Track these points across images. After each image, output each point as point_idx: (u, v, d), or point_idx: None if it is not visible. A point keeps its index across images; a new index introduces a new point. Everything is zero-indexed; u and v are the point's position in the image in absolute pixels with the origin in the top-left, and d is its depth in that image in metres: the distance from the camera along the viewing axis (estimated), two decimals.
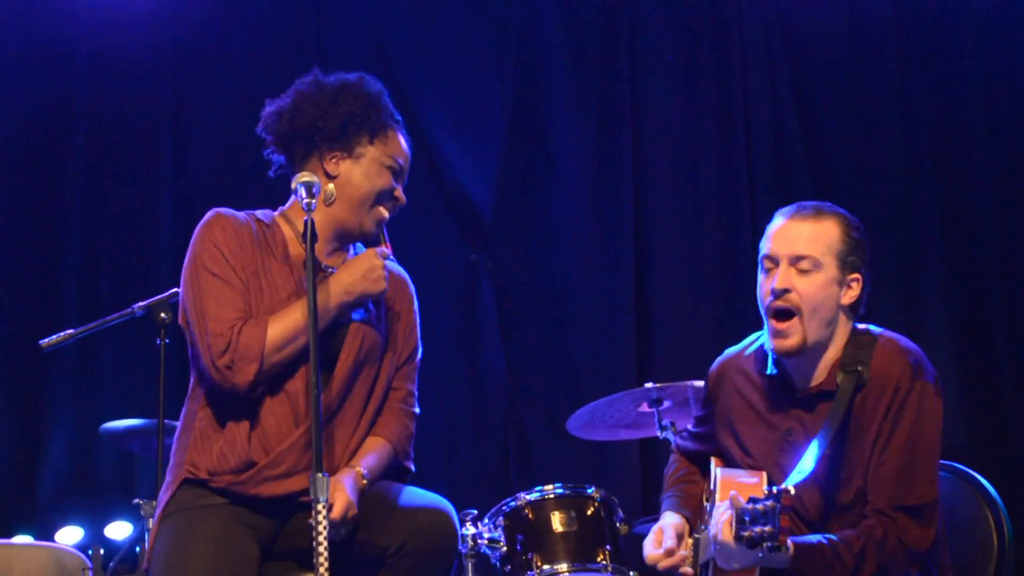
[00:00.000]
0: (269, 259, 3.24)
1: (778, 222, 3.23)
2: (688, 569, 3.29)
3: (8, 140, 5.93)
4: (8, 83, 5.92)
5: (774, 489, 2.78)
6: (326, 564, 2.80)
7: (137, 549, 5.03)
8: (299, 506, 3.11)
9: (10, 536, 5.25)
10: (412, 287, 3.55)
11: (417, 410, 3.50)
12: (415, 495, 3.22)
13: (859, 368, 3.11)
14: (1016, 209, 6.05)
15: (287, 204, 3.39)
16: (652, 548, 3.31)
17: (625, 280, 6.15)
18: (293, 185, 3.19)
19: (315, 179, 3.17)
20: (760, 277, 3.24)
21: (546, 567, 4.31)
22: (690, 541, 3.38)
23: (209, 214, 3.27)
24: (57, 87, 6.01)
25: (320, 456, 2.88)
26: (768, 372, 3.26)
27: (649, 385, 4.71)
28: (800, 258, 3.14)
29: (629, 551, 4.66)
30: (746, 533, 2.78)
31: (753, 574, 3.02)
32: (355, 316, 3.27)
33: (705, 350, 6.00)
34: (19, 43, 5.96)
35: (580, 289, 6.17)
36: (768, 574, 3.02)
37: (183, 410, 3.28)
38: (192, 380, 3.26)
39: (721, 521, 2.98)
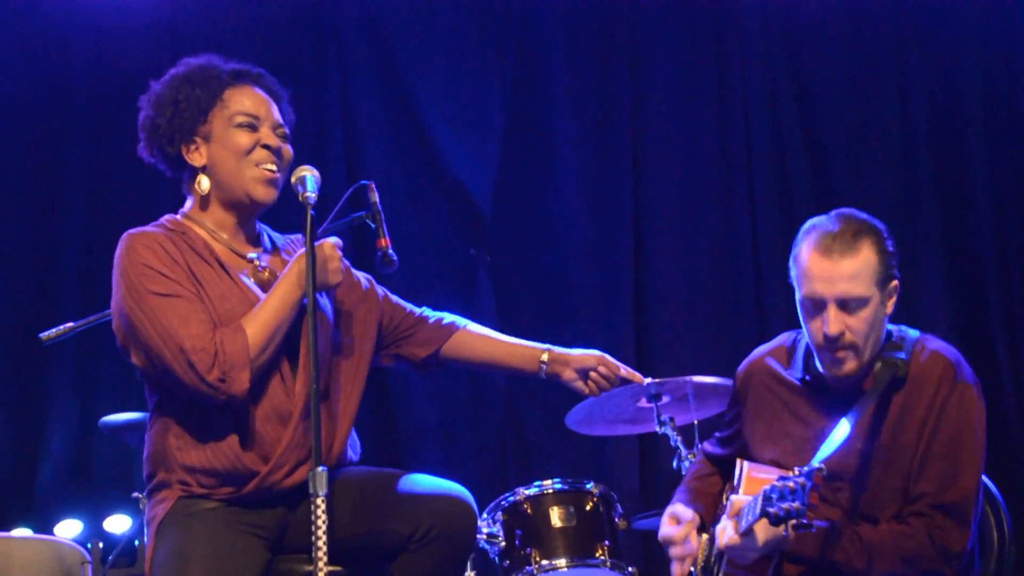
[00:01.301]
0: (200, 265, 3.14)
1: (811, 255, 3.11)
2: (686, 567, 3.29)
3: (8, 132, 5.93)
4: (9, 75, 5.92)
5: (805, 468, 2.77)
6: (325, 559, 2.79)
7: (136, 543, 5.03)
8: (306, 495, 3.02)
9: (9, 529, 5.25)
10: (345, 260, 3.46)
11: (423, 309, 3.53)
12: (434, 482, 3.20)
13: (897, 361, 3.10)
14: (1015, 201, 6.06)
15: (185, 206, 3.32)
16: (671, 527, 3.30)
17: (624, 275, 6.15)
18: (195, 183, 3.23)
19: (310, 172, 3.15)
20: (801, 308, 3.16)
21: (545, 562, 4.32)
22: (705, 536, 3.38)
23: (124, 240, 3.16)
24: (57, 80, 6.00)
25: (319, 450, 2.86)
26: (799, 376, 3.26)
27: (648, 380, 4.71)
28: (849, 298, 3.07)
29: (628, 546, 4.67)
30: (772, 510, 2.75)
31: (767, 568, 3.03)
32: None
33: (704, 345, 6.07)
34: (19, 37, 5.96)
35: (579, 284, 6.17)
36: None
37: (149, 432, 3.17)
38: (151, 403, 3.18)
39: (727, 527, 3.00)
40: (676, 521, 3.36)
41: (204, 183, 3.24)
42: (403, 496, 3.14)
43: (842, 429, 3.05)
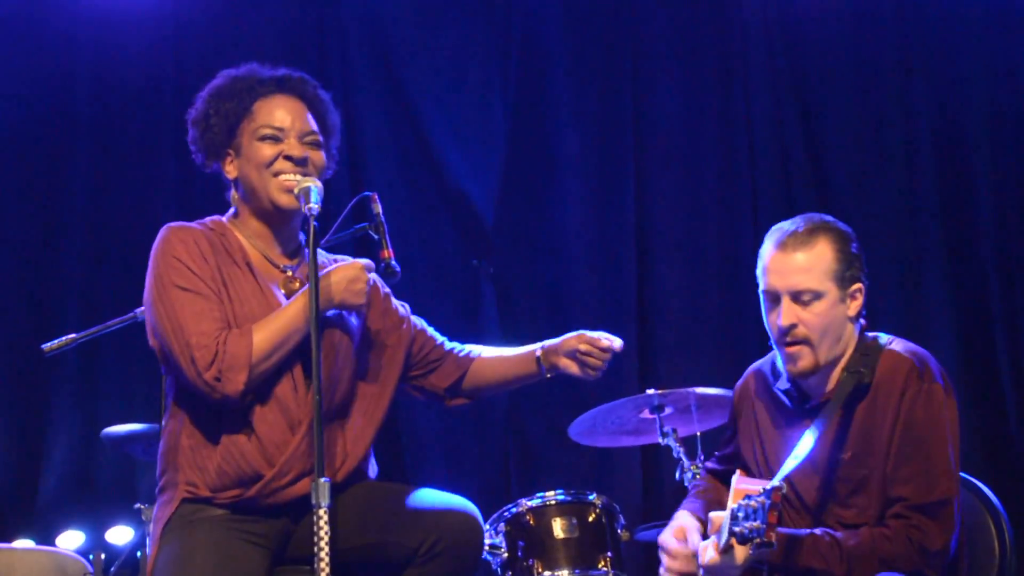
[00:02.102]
0: (231, 267, 3.20)
1: (769, 251, 3.21)
2: None
3: (10, 143, 5.94)
4: (10, 85, 5.93)
5: (766, 486, 2.81)
6: (327, 570, 2.78)
7: (138, 554, 5.02)
8: (310, 507, 3.04)
9: (11, 540, 5.25)
10: (384, 286, 3.50)
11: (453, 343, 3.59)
12: (440, 496, 3.22)
13: (860, 370, 3.12)
14: (1017, 204, 6.06)
15: (232, 211, 3.36)
16: (675, 542, 3.28)
17: (627, 286, 6.15)
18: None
19: (317, 183, 3.16)
20: (764, 306, 3.25)
21: (547, 573, 4.31)
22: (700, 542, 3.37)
23: (163, 231, 3.21)
24: (59, 89, 6.01)
25: (322, 461, 2.86)
26: (781, 388, 3.29)
27: (651, 391, 4.71)
28: (801, 291, 3.14)
29: (630, 558, 4.66)
30: (738, 529, 2.81)
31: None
32: (329, 314, 3.23)
33: (707, 356, 6.07)
34: (21, 42, 5.97)
35: (582, 294, 6.16)
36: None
37: (164, 429, 3.22)
38: (170, 400, 3.21)
39: (708, 547, 3.02)
40: (682, 538, 3.33)
41: (236, 195, 3.32)
42: (410, 510, 3.14)
43: (805, 443, 3.08)
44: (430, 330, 3.57)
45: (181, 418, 3.16)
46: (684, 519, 3.35)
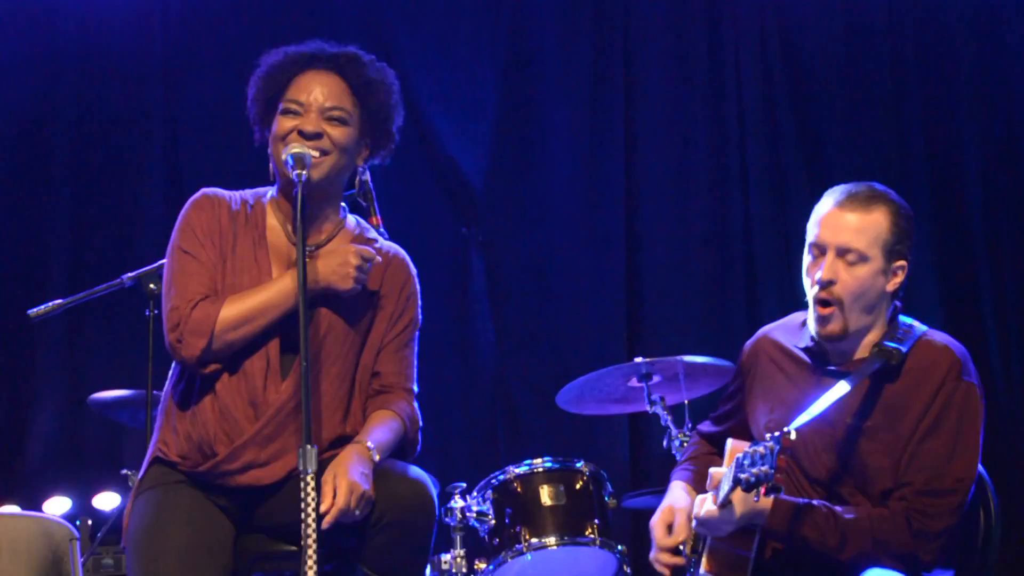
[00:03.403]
0: (244, 239, 3.20)
1: (827, 207, 3.17)
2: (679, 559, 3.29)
3: None
4: None
5: (775, 433, 2.80)
6: (313, 536, 2.78)
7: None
8: (271, 491, 3.10)
9: None
10: (411, 266, 3.43)
11: (414, 387, 3.41)
12: (392, 466, 3.16)
13: (892, 349, 3.10)
14: (1006, 190, 6.06)
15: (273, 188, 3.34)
16: (662, 533, 3.26)
17: (616, 255, 6.14)
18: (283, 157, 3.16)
19: (304, 150, 3.13)
20: (807, 259, 3.20)
21: (534, 540, 4.32)
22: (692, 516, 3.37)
23: (196, 195, 3.27)
24: (45, 54, 5.97)
25: (309, 427, 2.85)
26: (801, 345, 3.27)
27: (639, 360, 4.71)
28: (847, 250, 3.11)
29: (618, 525, 4.67)
30: (743, 476, 2.78)
31: (751, 543, 3.03)
32: (320, 297, 3.17)
33: (695, 325, 6.07)
34: (3, 11, 5.93)
35: (570, 263, 6.16)
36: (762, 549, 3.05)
37: (165, 386, 3.29)
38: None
39: (705, 501, 3.01)
40: (667, 529, 3.30)
41: (271, 167, 3.27)
42: None
43: (822, 402, 3.06)
44: (399, 356, 3.38)
45: (175, 378, 3.23)
46: (673, 494, 3.35)
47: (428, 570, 4.17)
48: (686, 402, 4.82)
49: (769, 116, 6.25)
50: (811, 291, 3.16)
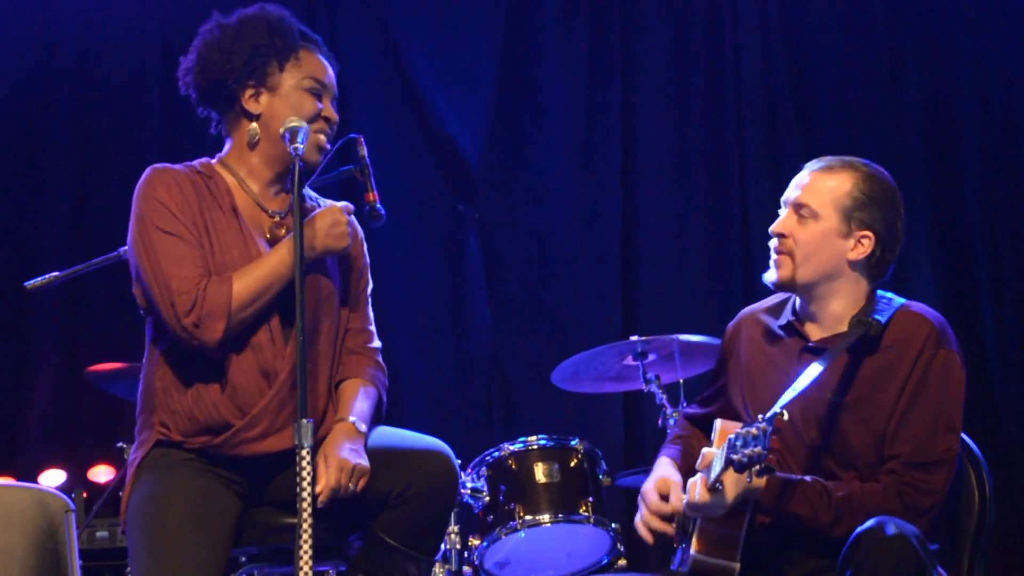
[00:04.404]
0: (215, 212, 3.16)
1: (800, 171, 3.31)
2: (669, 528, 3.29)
3: None
4: None
5: (767, 414, 2.82)
6: (309, 509, 2.78)
7: (120, 493, 5.03)
8: (282, 463, 3.06)
9: None
10: (360, 230, 3.43)
11: (378, 344, 3.42)
12: (410, 437, 3.21)
13: (870, 320, 3.13)
14: (1004, 173, 6.07)
15: (224, 150, 3.32)
16: (656, 499, 3.26)
17: (612, 233, 6.14)
18: (247, 130, 3.20)
19: (301, 123, 3.12)
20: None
21: (528, 517, 4.34)
22: (684, 497, 3.38)
23: (148, 172, 3.19)
24: (43, 29, 5.96)
25: (305, 402, 2.86)
26: (781, 323, 3.30)
27: (634, 338, 4.72)
28: (801, 206, 3.21)
29: (611, 503, 4.69)
30: (736, 457, 2.79)
31: (742, 522, 3.04)
32: (313, 263, 3.19)
33: (691, 304, 6.08)
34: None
35: (567, 241, 6.16)
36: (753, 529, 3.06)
37: (143, 371, 3.22)
38: (148, 339, 3.20)
39: (697, 483, 3.02)
40: (664, 495, 3.31)
41: (255, 131, 3.23)
42: (380, 453, 3.13)
43: (804, 378, 3.07)
44: (366, 309, 3.42)
45: (158, 360, 3.15)
46: (665, 469, 3.36)
47: None
48: (681, 381, 4.83)
49: (767, 96, 6.24)
50: (771, 242, 3.26)
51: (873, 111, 6.19)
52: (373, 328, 3.42)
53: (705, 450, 3.08)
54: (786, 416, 2.82)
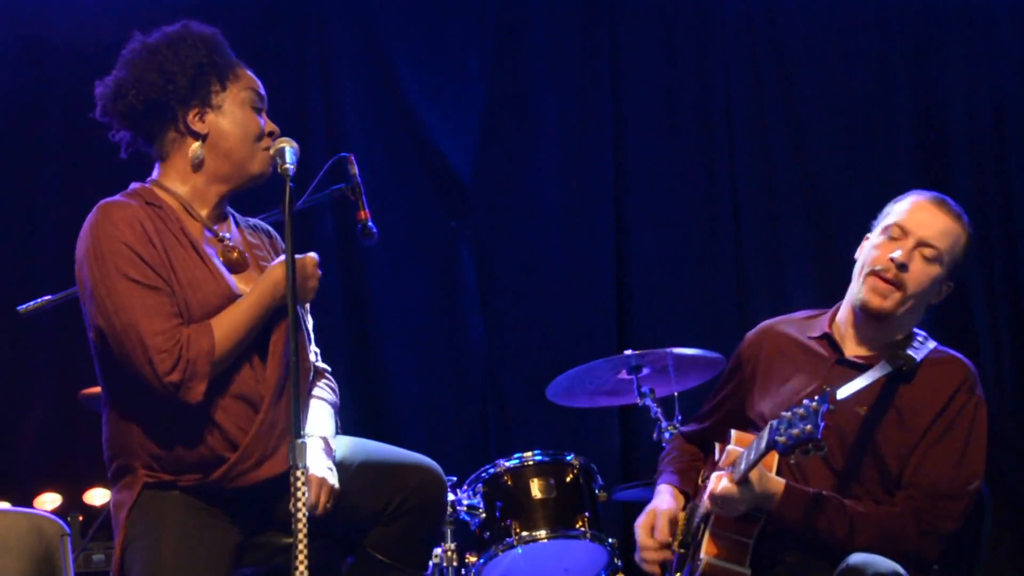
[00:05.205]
0: (176, 249, 3.04)
1: (920, 198, 3.29)
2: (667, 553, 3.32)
3: None
4: None
5: (817, 395, 2.83)
6: (304, 530, 2.76)
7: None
8: (280, 485, 2.95)
9: None
10: (280, 241, 3.38)
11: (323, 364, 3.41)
12: (399, 453, 3.19)
13: (907, 354, 3.17)
14: (994, 195, 6.10)
15: (155, 172, 3.25)
16: (645, 535, 3.34)
17: (605, 247, 6.15)
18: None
19: (289, 144, 3.09)
20: (878, 237, 3.29)
21: (525, 534, 4.33)
22: (682, 515, 3.39)
23: (102, 209, 3.07)
24: (33, 49, 5.95)
25: (298, 420, 2.82)
26: (813, 335, 3.33)
27: (628, 352, 4.72)
28: (928, 245, 3.21)
29: (608, 518, 4.68)
30: (781, 439, 2.80)
31: (754, 529, 3.05)
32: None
33: (685, 318, 6.08)
34: None
35: (560, 256, 6.17)
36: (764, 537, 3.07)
37: (106, 415, 3.12)
38: (105, 385, 3.11)
39: (722, 477, 3.04)
40: (650, 531, 3.35)
41: (198, 151, 3.15)
42: (371, 468, 3.12)
43: (852, 385, 3.13)
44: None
45: (124, 404, 3.05)
46: (658, 499, 3.40)
47: None
48: (676, 394, 4.82)
49: (757, 108, 6.26)
50: (874, 266, 3.22)
51: (862, 120, 6.21)
52: (315, 349, 3.37)
53: (730, 448, 3.11)
54: (839, 395, 2.83)
